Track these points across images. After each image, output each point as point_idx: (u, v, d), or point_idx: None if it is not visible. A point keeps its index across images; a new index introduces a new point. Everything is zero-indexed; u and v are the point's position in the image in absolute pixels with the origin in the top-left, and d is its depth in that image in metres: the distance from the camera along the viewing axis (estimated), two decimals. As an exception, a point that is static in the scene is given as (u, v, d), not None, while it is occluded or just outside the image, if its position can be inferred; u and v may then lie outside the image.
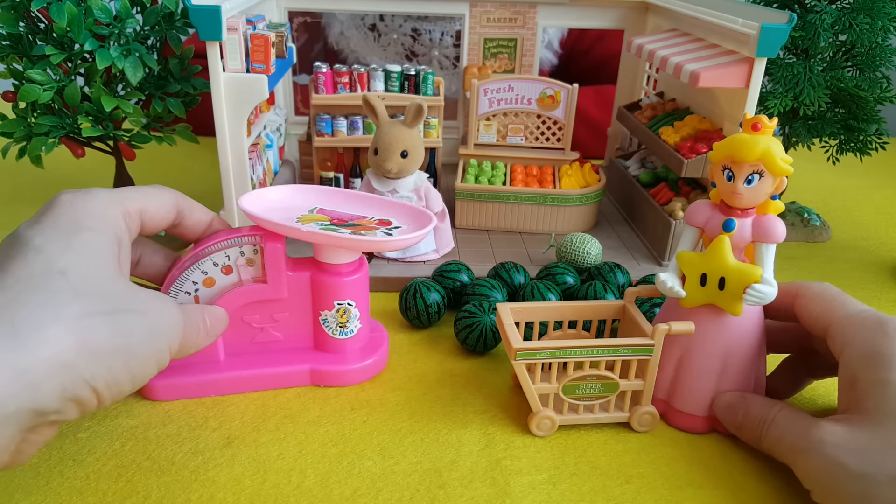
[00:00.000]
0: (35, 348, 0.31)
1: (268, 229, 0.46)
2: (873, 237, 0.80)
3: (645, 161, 0.81)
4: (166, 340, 0.38)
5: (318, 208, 0.50)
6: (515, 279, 0.59)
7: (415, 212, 0.50)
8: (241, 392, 0.49)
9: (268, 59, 0.60)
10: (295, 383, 0.50)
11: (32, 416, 0.31)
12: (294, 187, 0.52)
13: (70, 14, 0.57)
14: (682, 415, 0.47)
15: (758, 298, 0.42)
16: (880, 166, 1.02)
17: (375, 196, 0.52)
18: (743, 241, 0.43)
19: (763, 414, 0.43)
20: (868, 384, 0.38)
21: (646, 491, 0.41)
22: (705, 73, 0.58)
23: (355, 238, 0.45)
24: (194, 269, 0.45)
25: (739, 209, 0.43)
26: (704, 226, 0.44)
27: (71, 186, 0.91)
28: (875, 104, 0.70)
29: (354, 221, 0.49)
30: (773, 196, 0.43)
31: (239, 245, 0.46)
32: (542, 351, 0.43)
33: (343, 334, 0.50)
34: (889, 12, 0.66)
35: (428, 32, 1.01)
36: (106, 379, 0.34)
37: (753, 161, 0.41)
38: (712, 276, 0.43)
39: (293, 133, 0.87)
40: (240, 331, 0.49)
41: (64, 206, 0.38)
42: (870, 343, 0.39)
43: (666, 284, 0.45)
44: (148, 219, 0.42)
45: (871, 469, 0.35)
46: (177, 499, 0.39)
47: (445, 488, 0.41)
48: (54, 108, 0.63)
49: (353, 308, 0.49)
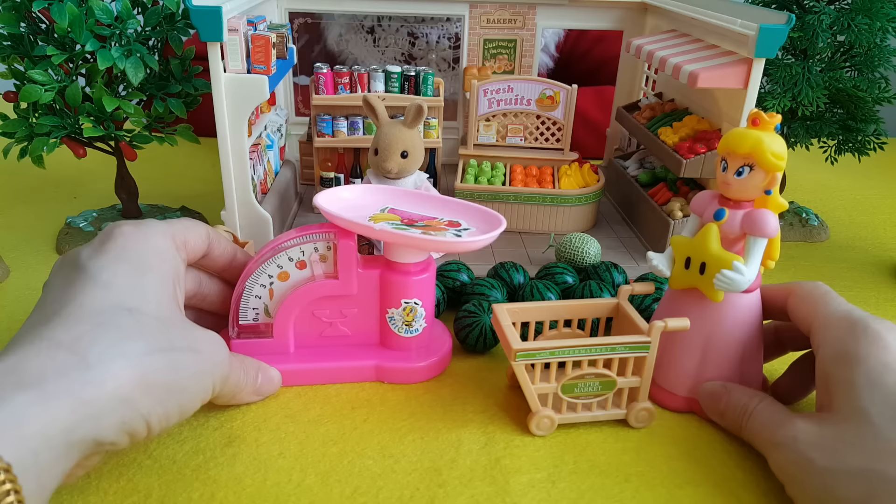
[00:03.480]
0: (102, 382, 0.32)
1: (341, 227, 0.47)
2: (871, 237, 0.81)
3: (644, 161, 0.81)
4: (212, 379, 0.40)
5: (390, 208, 0.51)
6: (515, 279, 0.59)
7: (484, 214, 0.51)
8: (307, 384, 0.50)
9: (268, 60, 0.60)
10: (360, 378, 0.51)
11: (92, 445, 0.33)
12: (365, 187, 0.53)
13: (71, 14, 0.57)
14: (664, 391, 0.48)
15: (726, 284, 0.43)
16: (879, 166, 1.02)
17: (445, 197, 0.53)
18: (732, 232, 0.44)
19: (744, 404, 0.44)
20: (836, 383, 0.39)
21: (645, 489, 0.41)
22: (704, 74, 0.58)
23: (426, 238, 0.46)
24: (270, 262, 0.47)
25: (732, 200, 0.44)
26: (703, 214, 0.46)
27: (72, 187, 0.91)
28: (873, 104, 0.70)
29: (424, 222, 0.49)
30: (768, 191, 0.43)
31: (313, 241, 0.48)
32: (541, 351, 0.43)
33: (408, 332, 0.51)
34: (888, 13, 0.66)
35: (425, 36, 1.01)
36: (159, 413, 0.35)
37: (744, 153, 0.42)
38: (695, 261, 0.45)
39: (294, 133, 0.87)
40: (310, 324, 0.50)
41: (128, 240, 0.39)
42: (839, 343, 0.40)
43: (652, 262, 0.47)
44: (189, 250, 0.44)
45: (834, 464, 0.36)
46: (178, 498, 0.39)
47: (445, 487, 0.41)
48: (55, 109, 0.64)
49: (420, 307, 0.50)
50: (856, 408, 0.37)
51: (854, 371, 0.38)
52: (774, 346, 0.50)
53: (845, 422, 0.37)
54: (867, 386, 0.37)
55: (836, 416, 0.38)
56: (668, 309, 0.48)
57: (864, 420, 0.37)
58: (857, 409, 0.37)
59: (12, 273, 0.65)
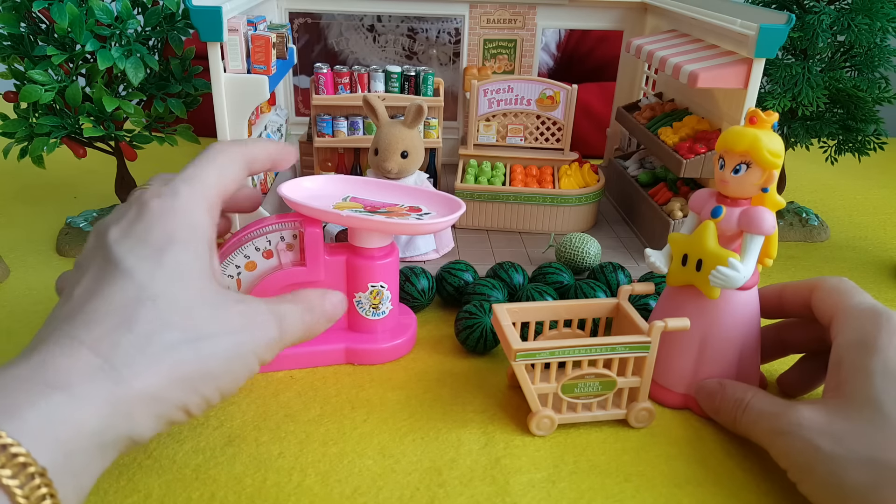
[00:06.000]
0: (130, 382, 0.32)
1: (307, 215, 0.48)
2: (871, 237, 0.81)
3: (644, 161, 0.81)
4: (256, 356, 0.37)
5: (351, 196, 0.52)
6: (514, 279, 0.59)
7: (444, 198, 0.52)
8: (280, 370, 0.51)
9: (268, 60, 0.60)
10: (330, 361, 0.52)
11: (128, 442, 0.32)
12: (327, 177, 0.54)
13: (71, 15, 0.57)
14: (661, 388, 0.49)
15: (721, 280, 0.43)
16: (879, 166, 1.02)
17: (404, 185, 0.54)
18: (730, 230, 0.44)
19: (738, 398, 0.44)
20: (850, 370, 0.39)
21: (645, 489, 0.41)
22: (704, 74, 0.58)
23: (391, 221, 0.47)
24: (237, 253, 0.48)
25: (730, 198, 0.44)
26: (701, 212, 0.46)
27: (72, 187, 0.91)
28: (873, 104, 0.70)
29: (386, 209, 0.51)
30: (765, 189, 0.44)
31: (279, 230, 0.48)
32: (541, 351, 0.43)
33: (375, 315, 0.52)
34: (888, 13, 0.66)
35: (425, 31, 1.01)
36: (195, 401, 0.34)
37: (741, 151, 0.42)
38: (692, 258, 0.45)
39: (294, 133, 0.87)
40: None
41: (153, 214, 0.36)
42: (860, 331, 0.40)
43: (649, 259, 0.47)
44: (224, 194, 0.41)
45: (843, 452, 0.36)
46: (178, 497, 0.39)
47: (445, 487, 0.41)
48: (56, 109, 0.64)
49: (385, 290, 0.51)
50: (869, 396, 0.37)
51: (871, 359, 0.38)
52: (776, 346, 0.50)
53: (856, 410, 0.37)
54: (882, 375, 0.37)
55: (847, 404, 0.38)
56: (665, 306, 0.49)
57: (877, 409, 0.36)
58: (869, 397, 0.37)
59: (12, 273, 0.65)
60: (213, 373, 0.35)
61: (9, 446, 0.27)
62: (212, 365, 0.35)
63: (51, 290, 0.62)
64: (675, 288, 0.47)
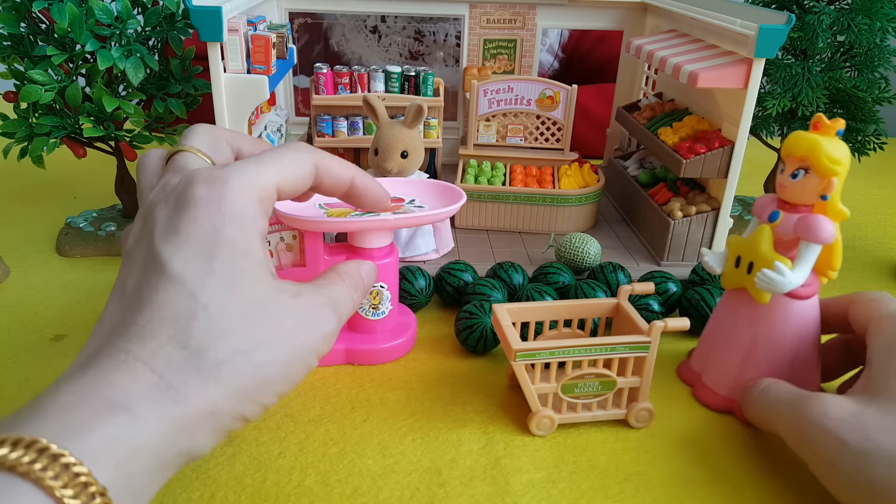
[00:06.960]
0: (188, 400, 0.31)
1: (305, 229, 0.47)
2: (871, 237, 0.81)
3: (644, 161, 0.81)
4: (315, 353, 0.36)
5: None
6: (514, 279, 0.59)
7: (443, 188, 0.52)
8: None
9: (268, 60, 0.60)
10: (330, 362, 0.52)
11: (188, 458, 0.32)
12: None
13: (71, 15, 0.57)
14: (706, 389, 0.49)
15: (765, 283, 0.43)
16: (878, 166, 1.02)
17: (399, 178, 0.54)
18: (786, 235, 0.44)
19: (754, 384, 0.44)
20: (880, 370, 0.38)
21: (645, 489, 0.41)
22: (704, 74, 0.58)
23: (391, 218, 0.47)
24: None
25: (789, 203, 0.44)
26: (761, 216, 0.46)
27: (72, 187, 0.91)
28: (873, 104, 0.70)
29: None
30: (824, 196, 0.43)
31: (279, 231, 0.48)
32: (541, 351, 0.43)
33: (375, 315, 0.52)
34: (888, 13, 0.66)
35: (432, 34, 1.01)
36: (254, 409, 0.34)
37: (800, 156, 0.42)
38: (745, 260, 0.45)
39: (294, 134, 0.87)
40: None
41: (200, 209, 0.33)
42: (893, 337, 0.40)
43: (704, 258, 0.48)
44: (282, 192, 0.37)
45: (870, 447, 0.36)
46: (178, 497, 0.39)
47: (445, 487, 0.41)
48: (55, 109, 0.64)
49: (385, 290, 0.51)
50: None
51: None
52: (845, 361, 0.49)
53: (886, 408, 0.37)
54: None
55: (879, 399, 0.37)
56: (720, 308, 0.49)
57: None
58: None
59: (12, 273, 0.65)
60: (271, 380, 0.34)
61: (71, 465, 0.26)
62: (269, 373, 0.33)
63: (51, 290, 0.62)
64: (731, 291, 0.48)
